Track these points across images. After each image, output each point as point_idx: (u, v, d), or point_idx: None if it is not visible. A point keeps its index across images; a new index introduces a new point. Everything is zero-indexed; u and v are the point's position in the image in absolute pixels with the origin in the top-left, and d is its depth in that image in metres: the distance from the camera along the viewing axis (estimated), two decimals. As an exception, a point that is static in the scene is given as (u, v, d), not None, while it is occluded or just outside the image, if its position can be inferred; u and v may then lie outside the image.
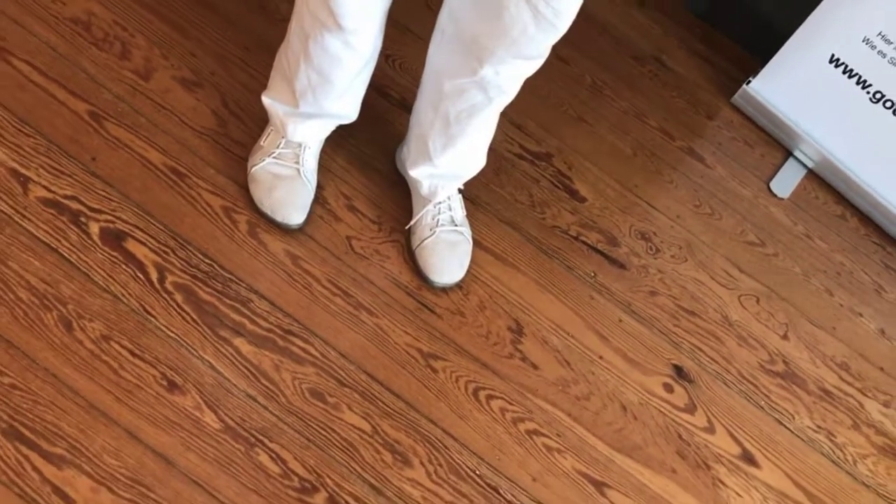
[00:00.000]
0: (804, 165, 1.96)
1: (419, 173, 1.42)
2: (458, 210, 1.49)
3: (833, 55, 1.81)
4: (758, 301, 1.71)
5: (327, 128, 1.42)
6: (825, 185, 1.95)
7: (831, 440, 1.59)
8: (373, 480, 1.27)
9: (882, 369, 1.73)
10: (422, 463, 1.30)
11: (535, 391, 1.43)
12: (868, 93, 1.82)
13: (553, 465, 1.38)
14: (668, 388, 1.54)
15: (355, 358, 1.36)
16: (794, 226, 1.86)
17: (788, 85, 1.90)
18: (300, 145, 1.41)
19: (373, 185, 1.54)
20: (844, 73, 1.82)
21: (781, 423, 1.57)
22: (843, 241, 1.88)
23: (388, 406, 1.34)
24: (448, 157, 1.37)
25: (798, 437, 1.57)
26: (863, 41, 1.76)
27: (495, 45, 1.14)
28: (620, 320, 1.58)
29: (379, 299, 1.43)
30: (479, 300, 1.49)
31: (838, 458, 1.57)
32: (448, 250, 1.45)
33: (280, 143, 1.41)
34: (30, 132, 1.39)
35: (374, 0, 1.17)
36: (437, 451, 1.32)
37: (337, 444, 1.28)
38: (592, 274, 1.61)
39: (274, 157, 1.40)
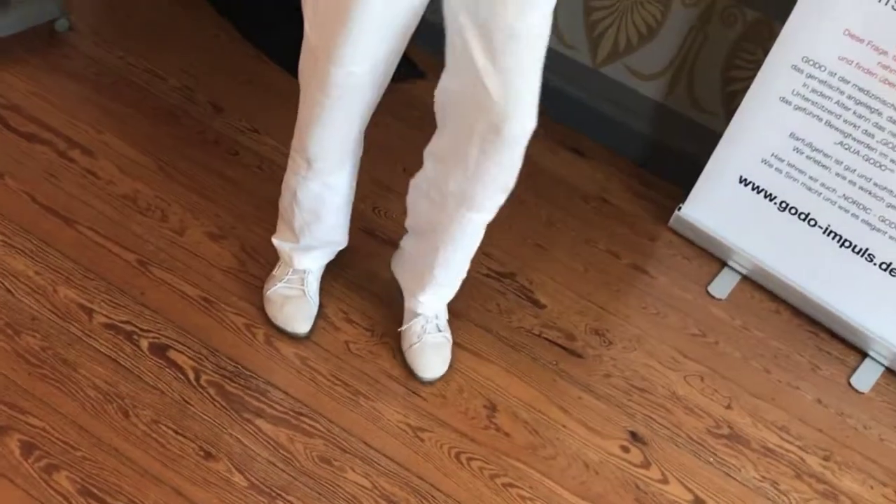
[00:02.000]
0: (738, 272, 2.30)
1: (411, 299, 1.77)
2: (443, 318, 1.83)
3: (741, 176, 2.20)
4: (702, 379, 2.01)
5: (325, 254, 1.81)
6: (759, 286, 2.27)
7: (776, 488, 1.83)
8: (374, 524, 1.54)
9: (821, 430, 1.98)
10: (414, 510, 1.58)
11: (509, 453, 1.72)
12: (775, 204, 2.19)
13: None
14: (625, 449, 1.81)
15: (356, 432, 1.66)
16: (733, 320, 2.17)
17: (711, 206, 2.27)
18: (304, 271, 1.78)
19: (366, 303, 1.90)
20: (753, 189, 2.20)
21: (729, 475, 1.83)
22: (778, 331, 2.19)
23: (384, 467, 1.63)
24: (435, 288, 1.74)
25: (745, 485, 1.82)
26: (762, 161, 2.16)
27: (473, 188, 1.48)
28: (580, 397, 1.88)
29: (373, 388, 1.75)
30: (458, 386, 1.80)
31: (783, 502, 1.81)
32: (434, 352, 1.78)
33: (288, 272, 1.79)
34: (93, 277, 1.79)
35: (341, 143, 1.58)
36: (427, 500, 1.60)
37: (343, 496, 1.56)
38: (554, 362, 1.92)
39: (284, 283, 1.78)
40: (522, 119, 1.35)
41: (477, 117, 1.35)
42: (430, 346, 1.77)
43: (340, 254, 1.86)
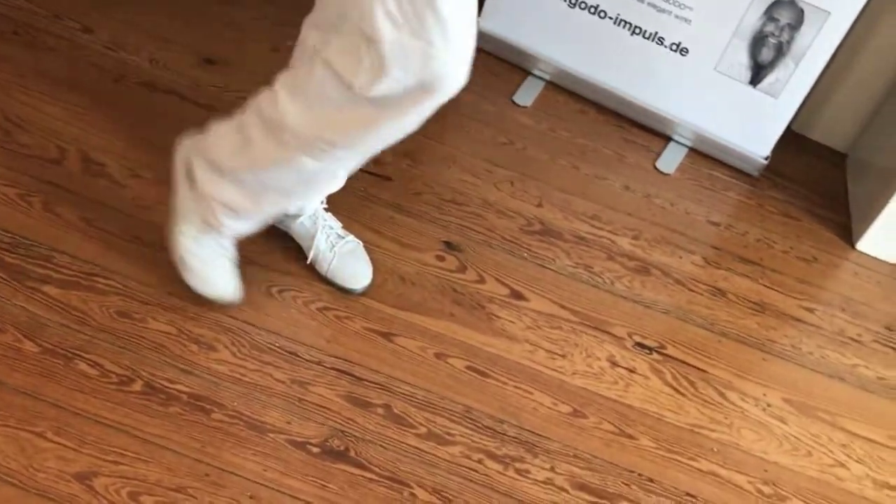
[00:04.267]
0: (542, 79, 2.30)
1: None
2: (335, 222, 1.71)
3: (527, -22, 2.17)
4: (512, 184, 2.02)
5: None
6: (563, 89, 2.28)
7: (589, 271, 1.89)
8: (183, 366, 1.50)
9: (630, 214, 2.04)
10: (226, 346, 1.54)
11: (321, 279, 1.69)
12: (565, 1, 2.17)
13: (344, 328, 1.63)
14: (441, 258, 1.81)
15: (156, 284, 1.59)
16: (539, 124, 2.18)
17: (506, 15, 2.24)
18: None
19: (150, 156, 1.79)
20: (539, -10, 2.18)
21: (544, 267, 1.86)
22: (584, 129, 2.21)
23: (190, 313, 1.57)
24: None
25: (560, 273, 1.86)
26: (544, -40, 2.12)
27: None
28: (392, 217, 1.86)
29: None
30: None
31: (597, 282, 1.87)
32: (352, 259, 1.68)
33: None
34: None
35: None
36: (239, 336, 1.56)
37: (147, 346, 1.51)
38: (363, 189, 1.89)
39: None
40: None
41: None
42: (348, 255, 1.68)
43: (113, 108, 1.74)
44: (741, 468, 1.62)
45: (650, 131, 2.25)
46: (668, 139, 2.25)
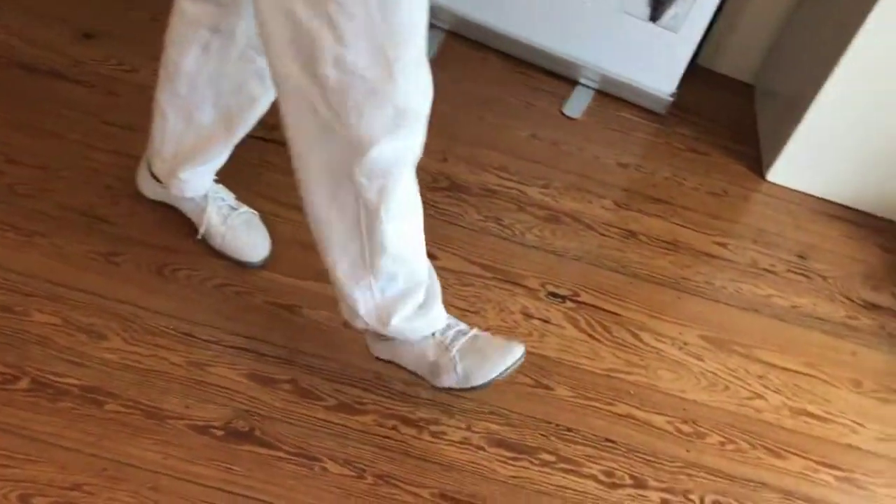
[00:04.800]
0: (441, 29, 2.23)
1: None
2: (227, 194, 1.62)
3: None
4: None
5: None
6: (464, 38, 2.22)
7: (499, 224, 1.84)
8: (72, 358, 1.42)
9: (538, 162, 2.00)
10: (116, 333, 1.46)
11: (216, 254, 1.61)
12: (457, -53, 2.10)
13: (244, 304, 1.56)
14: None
15: (37, 273, 1.51)
16: (440, 76, 2.10)
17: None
18: None
19: (31, 140, 1.69)
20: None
21: (452, 223, 1.81)
22: (488, 78, 2.16)
23: (76, 300, 1.49)
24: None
25: (469, 228, 1.81)
26: None
27: None
28: (290, 184, 1.78)
29: (50, 224, 1.58)
30: (148, 201, 1.66)
31: (507, 234, 1.83)
32: (247, 230, 1.60)
33: None
34: None
35: None
36: (130, 321, 1.48)
37: (32, 340, 1.42)
38: (257, 157, 1.81)
39: None
40: None
41: None
42: (242, 226, 1.60)
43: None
44: (659, 409, 1.61)
45: (555, 76, 2.20)
46: (574, 83, 2.21)
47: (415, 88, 1.14)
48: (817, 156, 2.04)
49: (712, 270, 1.87)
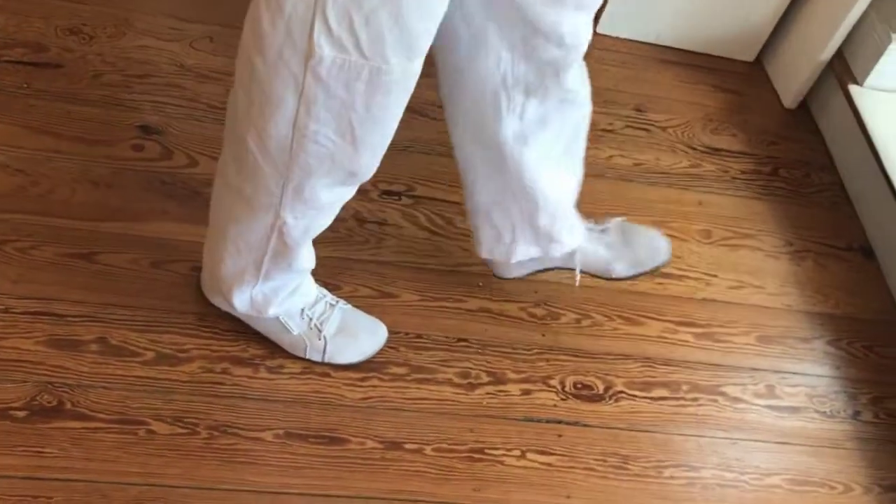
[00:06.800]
0: None
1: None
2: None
3: None
4: (211, 39, 1.74)
5: None
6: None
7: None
8: None
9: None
10: None
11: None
12: None
13: (31, 261, 1.36)
14: (138, 148, 1.55)
15: None
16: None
17: None
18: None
19: None
20: None
21: (264, 129, 1.63)
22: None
23: None
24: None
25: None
26: None
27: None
28: (69, 112, 1.56)
29: None
30: None
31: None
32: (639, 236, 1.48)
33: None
34: None
35: None
36: None
37: None
38: (25, 85, 1.56)
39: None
40: None
41: None
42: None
43: None
44: (510, 296, 1.53)
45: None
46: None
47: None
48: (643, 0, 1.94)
49: (550, 139, 1.77)
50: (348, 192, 1.16)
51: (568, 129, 1.30)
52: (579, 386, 1.44)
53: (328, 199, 1.14)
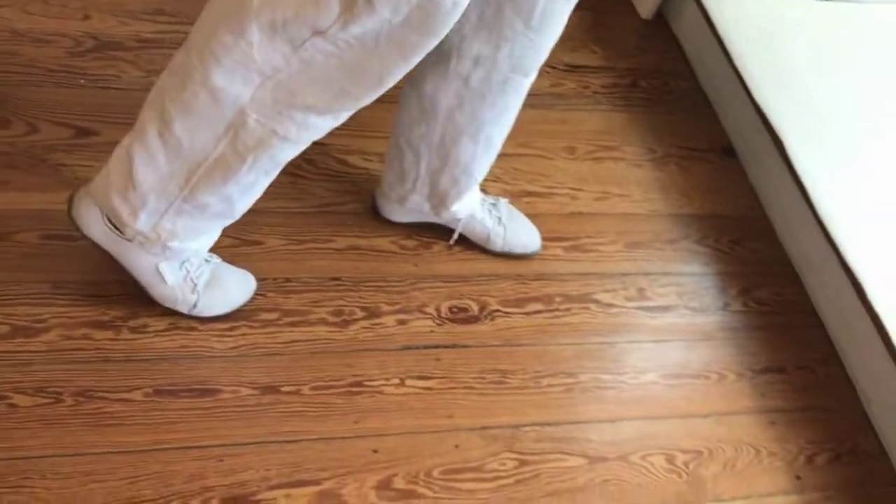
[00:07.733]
0: None
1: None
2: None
3: None
4: (45, 2, 1.67)
5: None
6: None
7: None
8: None
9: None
10: None
11: None
12: None
13: None
14: (-27, 121, 1.48)
15: None
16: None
17: None
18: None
19: None
20: None
21: (108, 88, 1.58)
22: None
23: None
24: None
25: (129, 89, 1.59)
26: None
27: None
28: None
29: None
30: None
31: (177, 86, 1.61)
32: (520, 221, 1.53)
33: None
34: None
35: None
36: None
37: None
38: None
39: None
40: None
41: None
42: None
43: None
44: (380, 231, 1.52)
45: None
46: None
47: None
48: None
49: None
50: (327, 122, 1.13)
51: (501, 112, 1.33)
52: (455, 310, 1.45)
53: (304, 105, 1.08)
